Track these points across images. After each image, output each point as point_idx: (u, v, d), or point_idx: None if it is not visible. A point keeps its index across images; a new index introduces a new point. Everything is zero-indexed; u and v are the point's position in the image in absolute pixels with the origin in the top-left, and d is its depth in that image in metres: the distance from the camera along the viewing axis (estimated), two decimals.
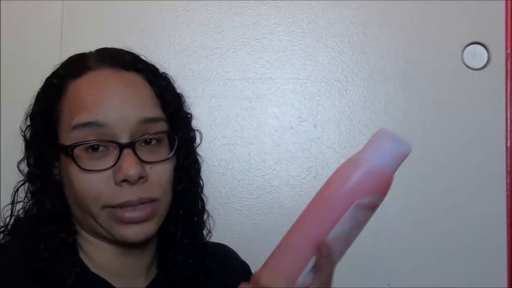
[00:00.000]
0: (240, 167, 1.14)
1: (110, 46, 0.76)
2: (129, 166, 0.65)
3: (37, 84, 1.12)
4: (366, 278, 1.13)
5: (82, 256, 0.71)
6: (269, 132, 1.15)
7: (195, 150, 0.79)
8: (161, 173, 0.69)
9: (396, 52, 1.16)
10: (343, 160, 1.16)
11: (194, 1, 1.16)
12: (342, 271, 1.13)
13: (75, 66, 0.71)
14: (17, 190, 0.75)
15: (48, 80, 0.74)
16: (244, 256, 0.89)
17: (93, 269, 0.70)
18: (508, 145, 1.14)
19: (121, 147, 0.66)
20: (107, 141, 0.66)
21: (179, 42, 1.15)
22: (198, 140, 0.79)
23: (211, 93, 1.14)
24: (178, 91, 0.77)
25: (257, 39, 1.16)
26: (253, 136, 1.15)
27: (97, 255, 0.71)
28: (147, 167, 0.67)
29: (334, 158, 1.15)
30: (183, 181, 0.75)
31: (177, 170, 0.73)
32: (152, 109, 0.70)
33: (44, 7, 1.15)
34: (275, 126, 1.15)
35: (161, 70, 0.77)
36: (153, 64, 0.76)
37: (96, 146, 0.66)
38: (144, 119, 0.68)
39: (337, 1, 1.17)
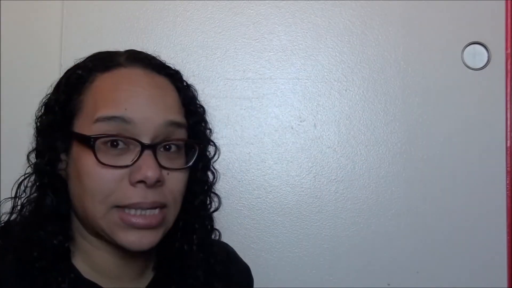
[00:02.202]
0: (240, 167, 1.14)
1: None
2: (149, 167, 0.64)
3: (37, 84, 1.13)
4: (366, 278, 1.14)
5: (75, 259, 0.70)
6: (269, 132, 1.15)
7: (212, 164, 0.78)
8: (176, 181, 0.68)
9: (396, 52, 1.16)
10: (343, 160, 1.17)
11: (194, 1, 1.16)
12: (342, 271, 1.14)
13: (105, 61, 0.70)
14: (21, 183, 0.72)
15: (71, 70, 0.72)
16: (244, 256, 0.89)
17: (86, 273, 0.69)
18: (508, 145, 1.14)
19: (143, 147, 0.65)
20: (130, 138, 0.65)
21: (179, 42, 1.15)
22: (216, 156, 0.79)
23: (211, 93, 1.14)
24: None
25: (257, 39, 1.16)
26: (253, 136, 1.15)
27: (95, 257, 0.70)
28: (164, 172, 0.66)
29: (334, 158, 1.15)
30: (200, 194, 0.75)
31: (194, 182, 0.73)
32: (177, 115, 0.69)
33: (44, 7, 1.15)
34: (275, 126, 1.15)
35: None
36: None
37: (116, 142, 0.65)
38: (169, 122, 0.67)
39: (337, 1, 1.17)
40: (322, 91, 1.16)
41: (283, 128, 1.15)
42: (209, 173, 0.78)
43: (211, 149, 0.79)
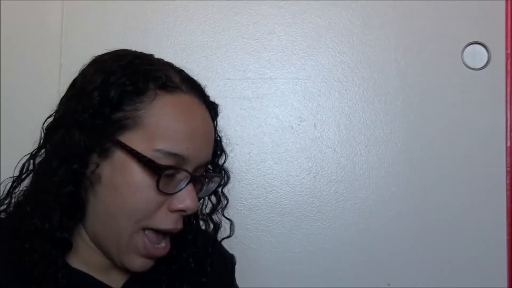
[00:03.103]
0: (240, 167, 1.14)
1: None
2: (192, 199, 0.67)
3: (37, 84, 1.13)
4: (366, 278, 1.13)
5: (67, 253, 0.69)
6: (269, 132, 1.15)
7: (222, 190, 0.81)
8: None
9: (396, 52, 1.16)
10: (343, 160, 1.17)
11: (194, 1, 1.16)
12: (342, 271, 1.14)
13: (160, 77, 0.68)
14: (23, 168, 0.72)
15: (119, 72, 0.67)
16: (244, 256, 0.89)
17: (74, 263, 0.70)
18: (508, 145, 1.14)
19: (191, 179, 0.67)
20: (185, 171, 0.67)
21: (179, 42, 1.15)
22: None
23: (211, 93, 1.13)
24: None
25: (257, 39, 1.16)
26: (253, 136, 1.15)
27: (85, 253, 0.70)
28: None
29: (334, 158, 1.15)
30: (201, 219, 0.79)
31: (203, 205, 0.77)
32: (212, 152, 0.73)
33: (44, 7, 1.15)
34: (275, 126, 1.15)
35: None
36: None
37: (173, 174, 0.66)
38: (209, 161, 0.72)
39: (337, 1, 1.17)
40: (322, 91, 1.16)
41: (283, 128, 1.15)
42: (222, 198, 0.82)
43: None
